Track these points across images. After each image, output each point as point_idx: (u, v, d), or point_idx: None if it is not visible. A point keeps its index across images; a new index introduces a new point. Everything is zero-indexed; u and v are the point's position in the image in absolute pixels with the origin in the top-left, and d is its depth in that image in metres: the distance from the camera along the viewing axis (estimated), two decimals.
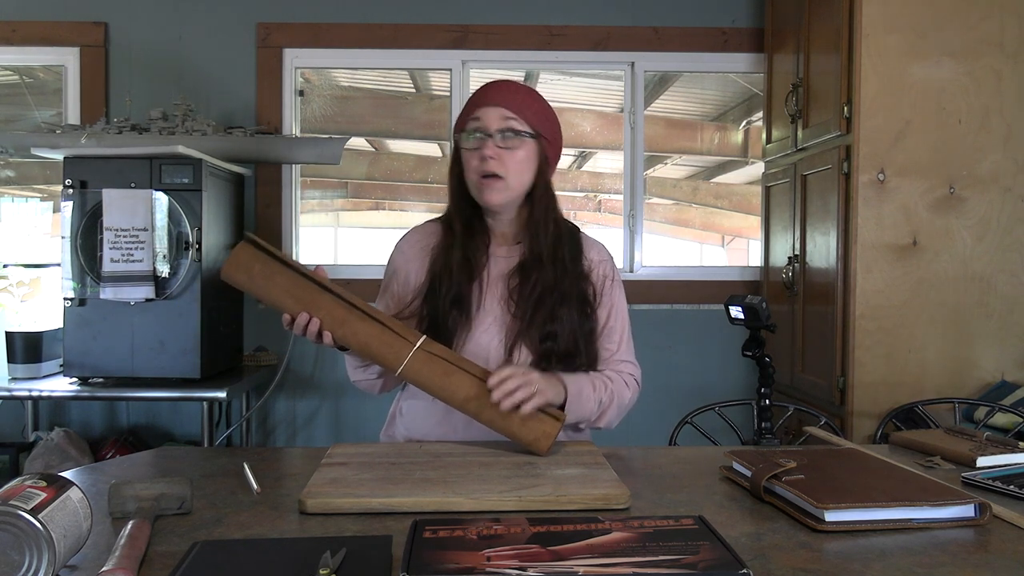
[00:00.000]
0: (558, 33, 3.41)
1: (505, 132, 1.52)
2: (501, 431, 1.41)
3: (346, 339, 1.42)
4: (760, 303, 1.62)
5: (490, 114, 1.53)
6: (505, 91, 1.56)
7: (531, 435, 1.39)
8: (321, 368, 3.42)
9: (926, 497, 1.09)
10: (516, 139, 1.53)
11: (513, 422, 1.39)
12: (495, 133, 1.52)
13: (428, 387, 1.44)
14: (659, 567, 0.84)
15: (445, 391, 1.42)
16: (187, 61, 3.37)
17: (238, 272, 1.44)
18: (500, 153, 1.52)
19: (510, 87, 1.58)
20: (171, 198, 2.69)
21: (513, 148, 1.53)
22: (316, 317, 1.40)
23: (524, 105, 1.55)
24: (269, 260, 1.44)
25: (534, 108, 1.57)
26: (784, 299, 3.02)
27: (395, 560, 0.91)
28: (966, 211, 2.49)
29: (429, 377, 1.42)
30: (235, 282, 1.46)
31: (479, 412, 1.41)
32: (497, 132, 1.52)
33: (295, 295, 1.42)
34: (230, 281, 1.46)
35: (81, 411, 3.35)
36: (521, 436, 1.39)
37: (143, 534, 0.98)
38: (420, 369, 1.42)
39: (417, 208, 3.84)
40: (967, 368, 2.51)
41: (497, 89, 1.57)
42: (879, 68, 2.47)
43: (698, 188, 4.00)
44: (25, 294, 3.23)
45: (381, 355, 1.42)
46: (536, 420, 1.39)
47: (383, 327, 1.42)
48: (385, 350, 1.41)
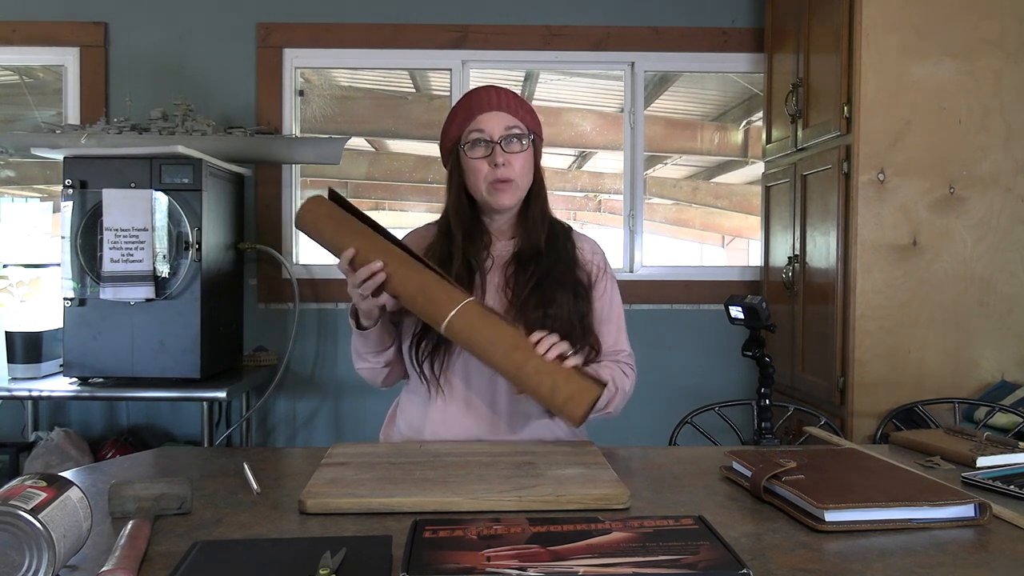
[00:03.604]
0: (558, 33, 3.41)
1: (510, 139, 1.58)
2: (538, 389, 1.39)
3: (404, 283, 1.44)
4: (760, 303, 1.62)
5: (492, 122, 1.58)
6: (499, 97, 1.61)
7: (570, 389, 1.37)
8: (321, 368, 3.42)
9: (926, 497, 1.09)
10: (519, 143, 1.59)
11: (556, 375, 1.38)
12: (501, 140, 1.57)
13: (474, 338, 1.42)
14: (659, 567, 0.84)
15: (492, 341, 1.41)
16: (187, 61, 3.37)
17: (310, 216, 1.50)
18: (508, 158, 1.57)
19: (500, 92, 1.63)
20: (171, 198, 2.69)
21: (518, 152, 1.58)
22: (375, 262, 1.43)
23: (519, 107, 1.62)
24: (336, 210, 1.50)
25: (525, 108, 1.64)
26: (784, 299, 3.02)
27: (395, 560, 0.91)
28: (966, 211, 2.49)
29: (477, 327, 1.41)
30: (308, 225, 1.51)
31: (523, 363, 1.39)
32: (502, 139, 1.57)
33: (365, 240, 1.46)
34: (303, 227, 1.52)
35: (81, 411, 3.35)
36: (560, 391, 1.37)
37: (143, 534, 0.98)
38: (471, 319, 1.41)
39: (417, 208, 3.84)
40: (967, 368, 2.51)
41: (491, 95, 1.61)
42: (879, 68, 2.47)
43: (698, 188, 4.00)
44: (25, 294, 3.24)
45: (435, 300, 1.43)
46: (578, 378, 1.40)
47: (440, 277, 1.46)
48: (442, 296, 1.43)
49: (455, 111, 1.63)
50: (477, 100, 1.61)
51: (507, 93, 1.63)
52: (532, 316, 1.53)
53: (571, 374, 1.40)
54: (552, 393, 1.38)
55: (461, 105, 1.62)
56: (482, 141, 1.57)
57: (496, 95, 1.61)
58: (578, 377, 1.40)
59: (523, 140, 1.59)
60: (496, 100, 1.60)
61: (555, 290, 1.56)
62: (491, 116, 1.58)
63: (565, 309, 1.55)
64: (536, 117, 1.66)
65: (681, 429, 2.18)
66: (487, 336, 1.41)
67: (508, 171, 1.56)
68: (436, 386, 1.57)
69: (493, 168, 1.56)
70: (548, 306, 1.54)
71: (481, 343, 1.42)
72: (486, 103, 1.59)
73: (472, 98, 1.62)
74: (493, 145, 1.57)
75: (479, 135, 1.57)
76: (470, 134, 1.58)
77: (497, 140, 1.57)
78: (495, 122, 1.57)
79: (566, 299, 1.57)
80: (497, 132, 1.57)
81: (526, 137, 1.60)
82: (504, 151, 1.56)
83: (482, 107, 1.59)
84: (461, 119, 1.60)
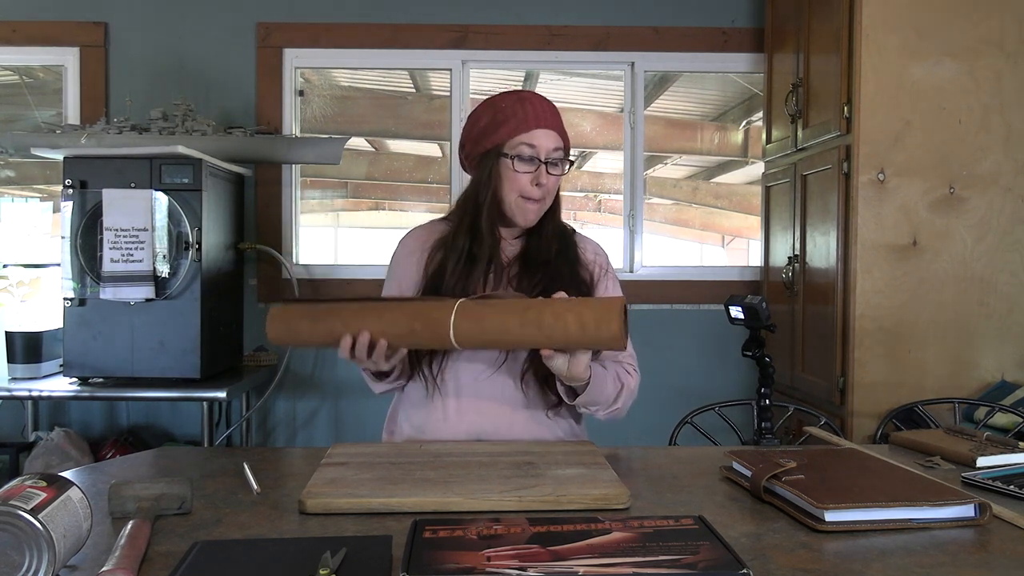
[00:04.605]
0: (558, 33, 3.41)
1: (555, 161, 1.59)
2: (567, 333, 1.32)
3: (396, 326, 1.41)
4: (760, 303, 1.62)
5: (544, 139, 1.57)
6: (551, 113, 1.60)
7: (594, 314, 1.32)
8: (321, 368, 3.42)
9: (926, 497, 1.09)
10: (561, 168, 1.60)
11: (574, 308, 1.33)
12: (547, 160, 1.57)
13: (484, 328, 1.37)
14: (659, 567, 0.84)
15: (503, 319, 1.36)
16: (187, 61, 3.37)
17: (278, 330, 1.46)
18: (548, 179, 1.58)
19: (553, 109, 1.62)
20: (171, 198, 2.69)
21: (557, 175, 1.60)
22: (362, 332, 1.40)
23: (563, 127, 1.62)
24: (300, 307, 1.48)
25: (564, 127, 1.63)
26: (784, 299, 3.02)
27: (395, 560, 0.91)
28: (966, 211, 2.49)
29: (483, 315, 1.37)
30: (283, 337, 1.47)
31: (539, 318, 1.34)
32: (548, 160, 1.57)
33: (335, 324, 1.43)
34: (278, 341, 1.48)
35: (81, 411, 3.35)
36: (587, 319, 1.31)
37: (143, 534, 0.98)
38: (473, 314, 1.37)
39: (417, 208, 3.84)
40: (967, 368, 2.50)
41: (546, 110, 1.60)
42: (879, 68, 2.47)
43: (698, 188, 4.00)
44: (25, 294, 3.24)
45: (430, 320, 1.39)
46: (594, 301, 1.38)
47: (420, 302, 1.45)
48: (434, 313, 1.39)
49: (504, 114, 1.58)
50: (534, 113, 1.58)
51: (555, 110, 1.63)
52: None
53: (587, 299, 1.40)
54: (581, 327, 1.32)
55: (512, 111, 1.58)
56: (533, 158, 1.56)
57: (551, 112, 1.60)
58: (595, 299, 1.43)
59: (565, 165, 1.60)
60: (550, 118, 1.59)
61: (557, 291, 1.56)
62: (545, 134, 1.57)
63: None
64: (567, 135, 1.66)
65: (681, 429, 2.18)
66: (496, 318, 1.37)
67: (544, 192, 1.58)
68: (434, 385, 1.57)
69: (534, 186, 1.56)
70: None
71: (494, 329, 1.37)
72: (543, 118, 1.58)
73: (527, 107, 1.58)
74: (539, 164, 1.56)
75: (531, 151, 1.56)
76: (520, 146, 1.56)
77: (544, 160, 1.56)
78: (547, 140, 1.57)
79: None
80: (545, 151, 1.57)
81: (567, 162, 1.61)
82: (548, 172, 1.57)
83: (539, 122, 1.57)
84: (513, 126, 1.57)
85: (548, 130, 1.57)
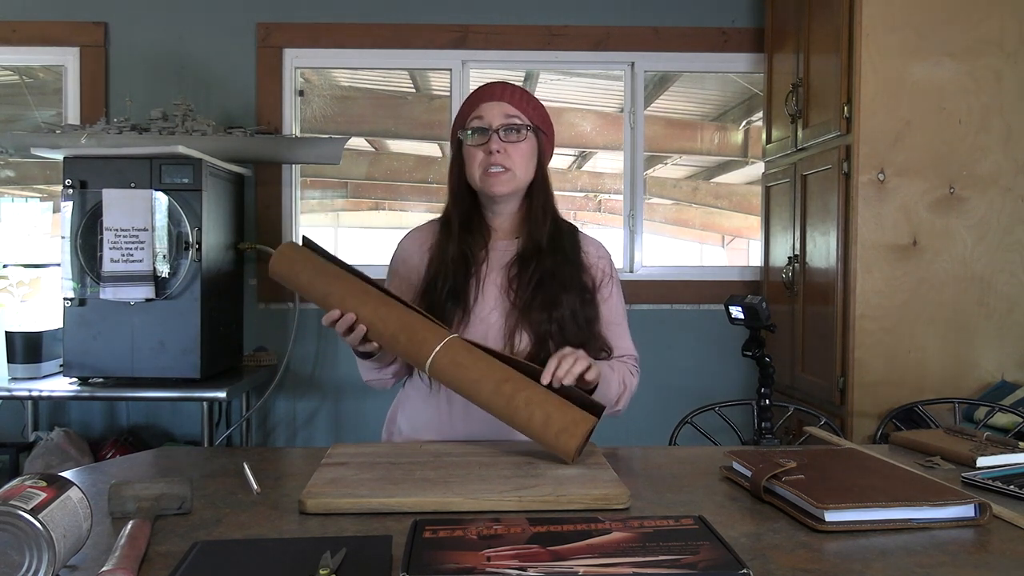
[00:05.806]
0: (558, 33, 3.41)
1: (508, 128, 1.59)
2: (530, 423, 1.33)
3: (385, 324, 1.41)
4: (760, 303, 1.62)
5: (492, 110, 1.60)
6: (503, 89, 1.63)
7: (564, 420, 1.30)
8: (321, 368, 3.42)
9: (926, 497, 1.09)
10: (518, 133, 1.60)
11: (548, 405, 1.32)
12: (499, 128, 1.58)
13: (460, 375, 1.37)
14: (659, 567, 0.84)
15: (479, 377, 1.36)
16: (187, 61, 3.37)
17: (281, 266, 1.48)
18: (505, 147, 1.58)
19: (507, 86, 1.65)
20: (171, 198, 2.69)
21: (516, 142, 1.59)
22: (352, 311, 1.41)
23: (523, 101, 1.63)
24: (311, 255, 1.48)
25: (532, 104, 1.65)
26: (784, 299, 3.02)
27: (395, 560, 0.91)
28: (966, 211, 2.49)
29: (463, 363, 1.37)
30: (282, 271, 1.49)
31: (512, 395, 1.33)
32: (501, 127, 1.58)
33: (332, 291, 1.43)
34: (276, 273, 1.49)
35: (81, 411, 3.35)
36: (554, 421, 1.31)
37: (143, 534, 0.98)
38: (455, 355, 1.37)
39: (417, 208, 3.84)
40: (967, 368, 2.50)
41: (496, 88, 1.64)
42: (879, 68, 2.47)
43: (698, 188, 4.00)
44: (25, 294, 3.24)
45: (417, 339, 1.39)
46: (572, 408, 1.34)
47: (420, 316, 1.43)
48: (424, 334, 1.39)
49: (463, 104, 1.66)
50: (482, 91, 1.64)
51: (514, 88, 1.65)
52: (536, 319, 1.53)
53: (564, 404, 1.34)
54: (545, 425, 1.31)
55: (468, 98, 1.66)
56: (480, 129, 1.59)
57: (501, 88, 1.63)
58: (572, 407, 1.34)
59: (521, 131, 1.60)
60: (500, 92, 1.62)
61: (559, 292, 1.55)
62: (492, 106, 1.60)
63: (568, 312, 1.55)
64: (544, 114, 1.67)
65: (681, 429, 2.18)
66: (474, 372, 1.37)
67: (503, 159, 1.57)
68: (435, 385, 1.57)
69: (488, 155, 1.57)
70: (553, 309, 1.54)
71: (468, 380, 1.37)
72: (489, 94, 1.62)
73: (479, 90, 1.65)
74: (491, 133, 1.58)
75: (479, 123, 1.59)
76: (471, 122, 1.61)
77: (495, 128, 1.58)
78: (495, 111, 1.59)
79: (571, 302, 1.56)
80: (496, 121, 1.59)
81: (526, 128, 1.60)
82: (501, 139, 1.58)
83: (485, 97, 1.62)
84: (466, 109, 1.64)
85: (497, 102, 1.60)
